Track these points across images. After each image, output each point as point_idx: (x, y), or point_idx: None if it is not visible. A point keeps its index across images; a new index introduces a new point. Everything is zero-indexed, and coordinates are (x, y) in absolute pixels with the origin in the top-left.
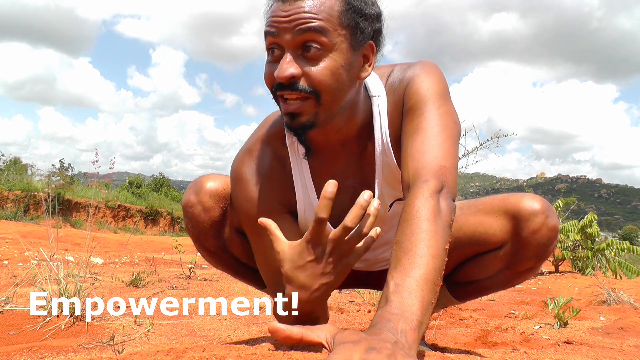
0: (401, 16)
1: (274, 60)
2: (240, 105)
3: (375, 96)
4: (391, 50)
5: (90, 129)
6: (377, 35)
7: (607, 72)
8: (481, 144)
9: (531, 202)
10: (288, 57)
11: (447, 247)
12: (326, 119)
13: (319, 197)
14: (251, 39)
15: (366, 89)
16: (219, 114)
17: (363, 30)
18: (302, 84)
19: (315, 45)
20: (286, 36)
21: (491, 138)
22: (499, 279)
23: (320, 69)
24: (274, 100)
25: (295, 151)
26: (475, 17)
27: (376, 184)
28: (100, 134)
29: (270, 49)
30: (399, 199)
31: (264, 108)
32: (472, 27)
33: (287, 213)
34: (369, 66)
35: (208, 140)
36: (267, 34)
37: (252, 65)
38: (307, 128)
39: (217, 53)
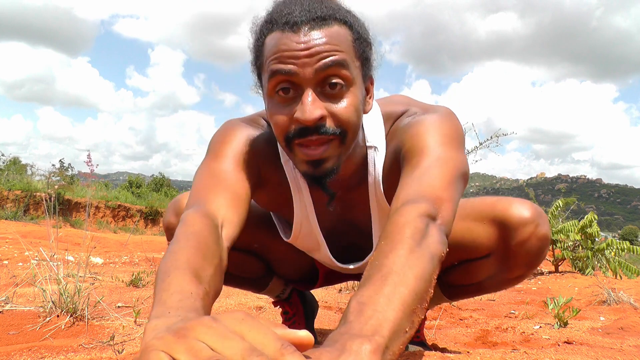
0: (399, 16)
1: (286, 101)
2: (239, 104)
3: (372, 147)
4: (389, 51)
5: (90, 129)
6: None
7: (606, 72)
8: (481, 143)
9: (520, 210)
10: (311, 95)
11: (434, 276)
12: (343, 160)
13: (318, 220)
14: (249, 39)
15: (362, 132)
16: (218, 113)
17: (370, 60)
18: (329, 125)
19: (339, 80)
20: (306, 72)
21: (491, 137)
22: (489, 283)
23: (346, 108)
24: (285, 149)
25: (291, 170)
26: (473, 17)
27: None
28: (99, 133)
29: (280, 88)
30: None
31: (263, 107)
32: (470, 26)
33: (249, 201)
34: (370, 99)
35: (207, 140)
36: (276, 72)
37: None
38: (332, 174)
39: (216, 53)
